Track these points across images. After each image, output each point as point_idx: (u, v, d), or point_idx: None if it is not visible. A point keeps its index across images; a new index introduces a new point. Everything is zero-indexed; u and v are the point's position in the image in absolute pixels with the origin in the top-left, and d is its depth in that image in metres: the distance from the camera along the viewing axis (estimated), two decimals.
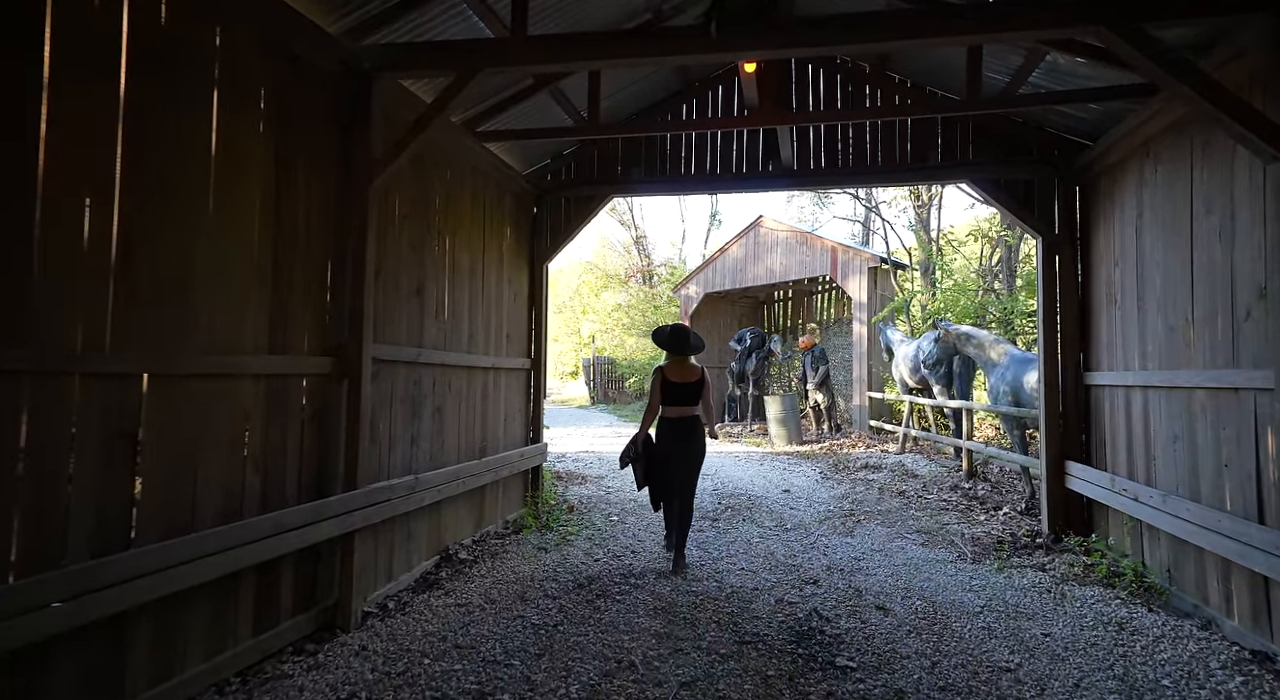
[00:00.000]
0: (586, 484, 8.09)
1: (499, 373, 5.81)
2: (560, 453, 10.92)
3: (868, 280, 12.11)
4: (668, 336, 4.88)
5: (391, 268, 4.19)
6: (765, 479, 8.43)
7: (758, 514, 6.46)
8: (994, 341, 6.92)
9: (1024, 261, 10.46)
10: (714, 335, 16.40)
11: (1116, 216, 4.77)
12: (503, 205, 5.93)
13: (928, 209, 11.80)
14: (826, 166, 5.98)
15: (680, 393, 4.70)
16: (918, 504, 6.76)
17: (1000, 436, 10.12)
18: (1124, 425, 4.63)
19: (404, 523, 4.26)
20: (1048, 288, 5.46)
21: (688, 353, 4.83)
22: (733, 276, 15.10)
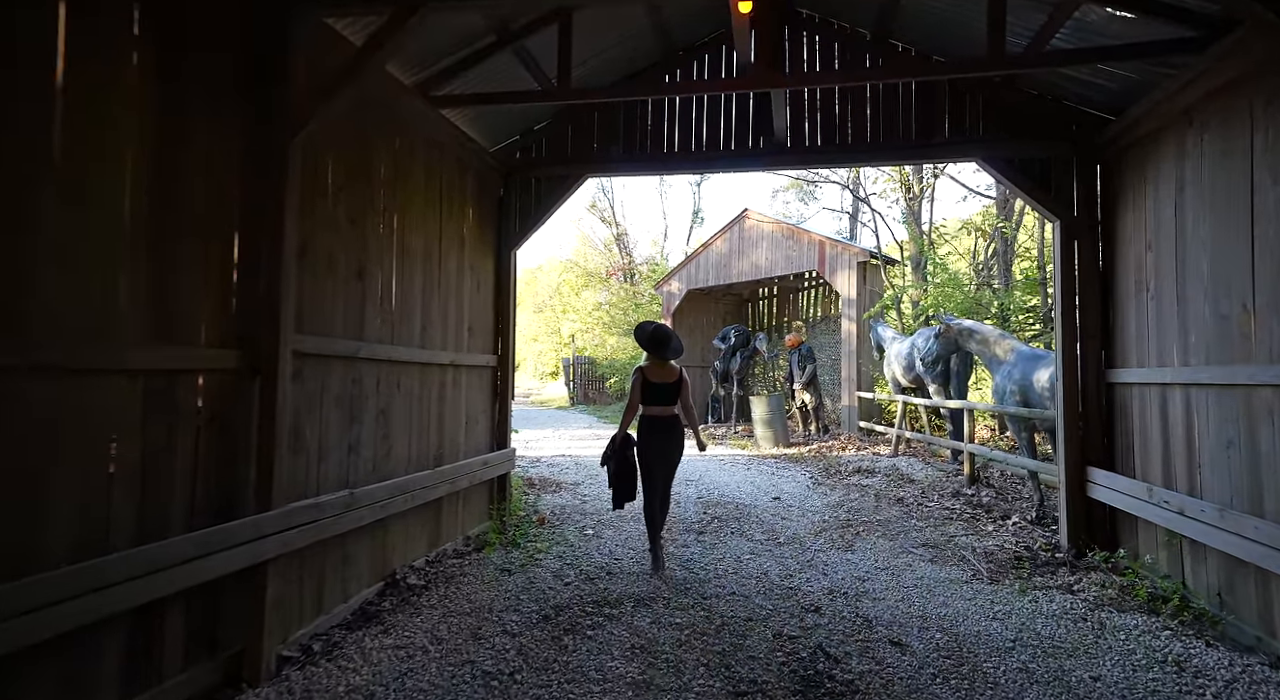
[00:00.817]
0: (561, 492, 7.46)
1: (459, 370, 5.17)
2: (535, 457, 10.28)
3: (857, 276, 11.64)
4: (649, 337, 4.84)
5: (323, 245, 3.54)
6: (753, 485, 7.88)
7: (747, 525, 5.90)
8: (1000, 337, 6.44)
9: (1021, 255, 10.07)
10: (697, 333, 15.86)
11: (1149, 195, 4.28)
12: (464, 183, 5.29)
13: (919, 201, 11.36)
14: (823, 143, 5.43)
15: (660, 393, 4.72)
16: (919, 513, 6.25)
17: (997, 438, 9.70)
18: (1158, 428, 4.13)
19: (338, 546, 3.61)
20: (1066, 276, 4.97)
21: (668, 356, 4.80)
22: (717, 272, 14.56)
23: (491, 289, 5.82)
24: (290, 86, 3.12)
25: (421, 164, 4.63)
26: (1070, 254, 4.96)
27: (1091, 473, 4.73)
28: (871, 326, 10.82)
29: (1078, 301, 4.92)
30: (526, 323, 39.13)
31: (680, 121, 5.67)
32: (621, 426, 4.81)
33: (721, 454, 10.69)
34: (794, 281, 15.78)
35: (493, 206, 5.81)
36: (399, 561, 4.28)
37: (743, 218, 14.05)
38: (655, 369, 4.77)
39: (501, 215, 5.89)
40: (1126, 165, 4.57)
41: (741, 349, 14.08)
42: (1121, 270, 4.63)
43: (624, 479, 4.74)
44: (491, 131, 5.72)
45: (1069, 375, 4.91)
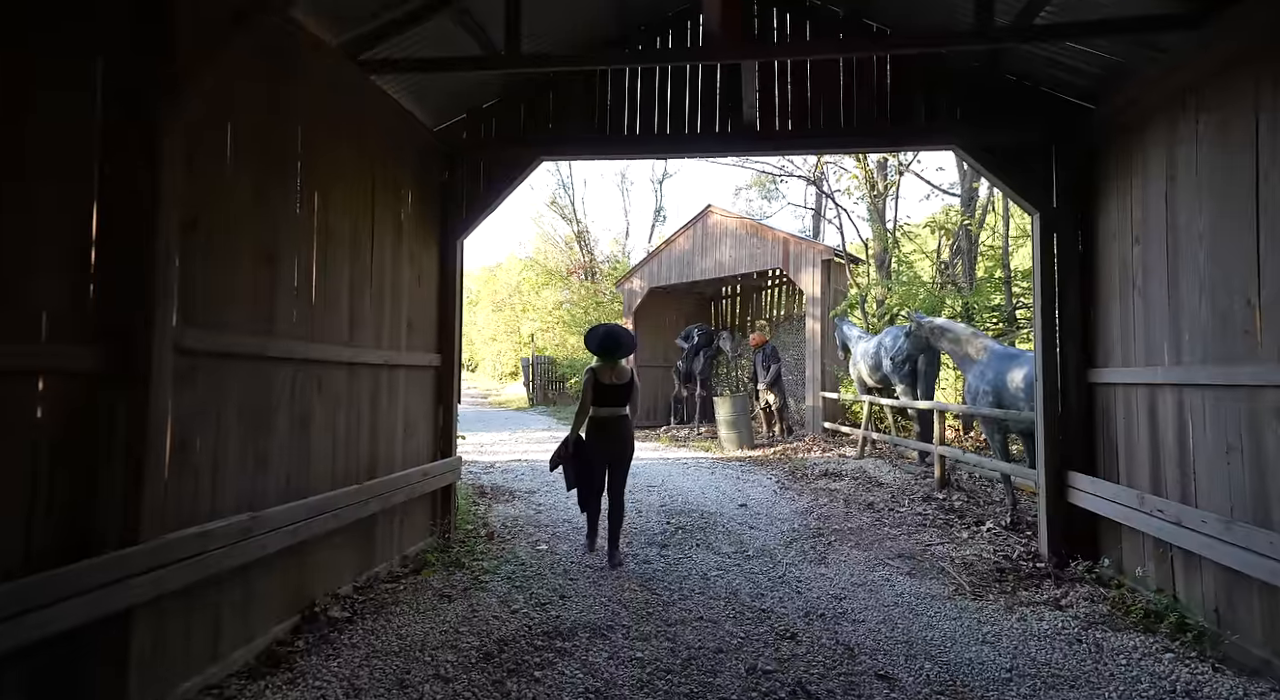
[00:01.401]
0: (514, 501, 6.96)
1: (396, 371, 4.63)
2: (488, 463, 9.72)
3: (821, 273, 11.43)
4: (600, 341, 4.94)
5: (219, 222, 2.99)
6: (718, 490, 7.52)
7: (713, 536, 5.51)
8: (972, 335, 6.22)
9: (984, 254, 10.01)
10: (660, 332, 15.49)
11: (1135, 185, 4.06)
12: (403, 164, 4.76)
13: (883, 199, 11.23)
14: (794, 128, 5.08)
15: (612, 394, 4.82)
16: (891, 519, 5.98)
17: (961, 438, 9.59)
18: (1146, 432, 3.90)
19: (238, 578, 3.06)
20: (1045, 272, 4.74)
21: (620, 357, 4.91)
22: (679, 270, 14.20)
23: (435, 282, 5.29)
24: (168, 25, 2.57)
25: (350, 138, 4.08)
26: (1049, 248, 4.73)
27: (1073, 478, 4.50)
28: (837, 325, 10.61)
29: (1057, 298, 4.70)
30: (485, 322, 38.29)
31: (643, 102, 5.25)
32: (573, 428, 4.91)
33: (685, 457, 10.32)
34: (758, 280, 15.54)
35: (436, 191, 5.28)
36: (321, 590, 3.73)
37: (706, 214, 13.74)
38: (606, 370, 4.87)
39: (447, 201, 5.36)
40: (1110, 154, 4.35)
41: (705, 348, 13.77)
42: (1104, 265, 4.41)
43: (584, 481, 4.85)
44: (435, 108, 5.20)
45: (1048, 375, 4.68)
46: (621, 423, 4.87)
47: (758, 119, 5.09)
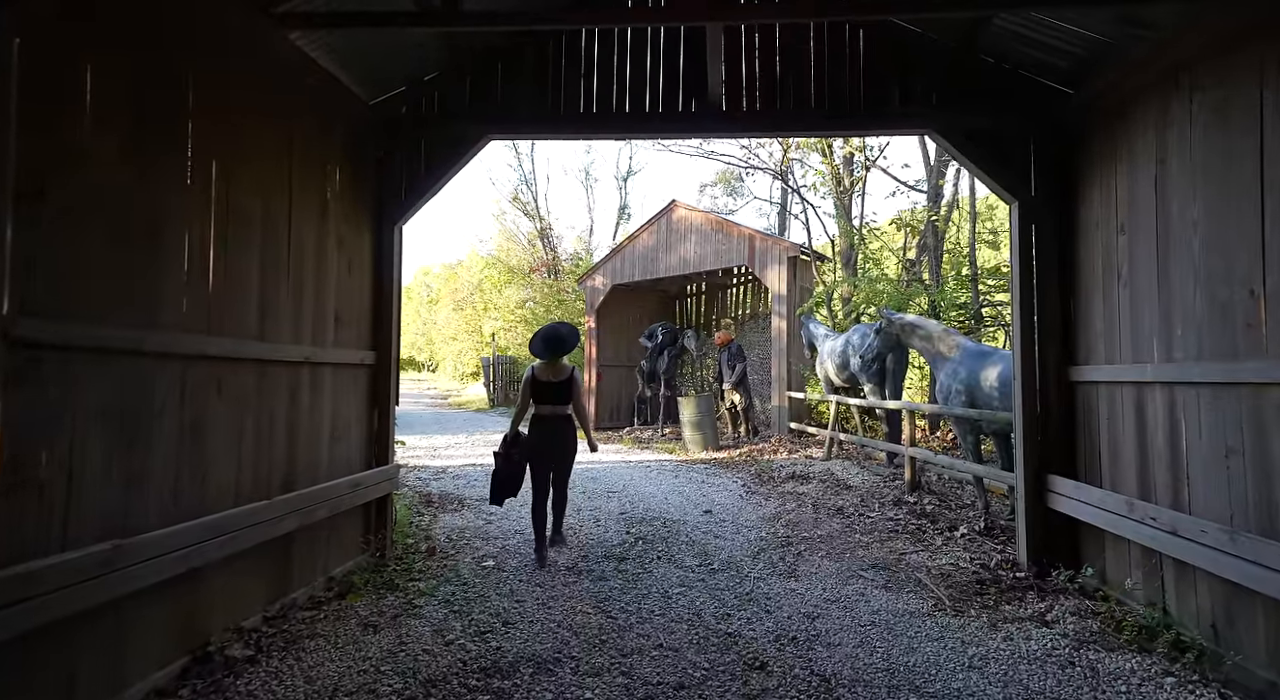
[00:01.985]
0: (463, 510, 6.46)
1: (320, 370, 4.12)
2: (440, 468, 9.18)
3: (787, 271, 11.19)
4: (542, 340, 4.99)
5: (77, 190, 2.46)
6: (682, 495, 7.16)
7: (676, 547, 5.13)
8: (944, 333, 5.99)
9: (951, 250, 9.91)
10: (623, 331, 15.09)
11: (1122, 171, 3.82)
12: (330, 137, 4.25)
13: (849, 195, 11.05)
14: (763, 108, 4.74)
15: (549, 391, 4.85)
16: (861, 525, 5.69)
17: (929, 438, 9.44)
18: (1133, 433, 3.67)
19: (104, 618, 2.54)
20: (1024, 264, 4.50)
21: (562, 354, 4.95)
22: (643, 266, 13.82)
23: (369, 270, 4.78)
24: None
25: (261, 101, 3.57)
26: (1028, 239, 4.49)
27: (1053, 481, 4.27)
28: (803, 323, 10.39)
29: (1036, 292, 4.46)
30: (446, 321, 37.32)
31: (600, 77, 4.83)
32: (511, 426, 5.00)
33: (648, 460, 9.95)
34: (723, 277, 15.28)
35: (372, 171, 4.77)
36: (221, 623, 3.20)
37: (670, 210, 13.39)
38: (545, 368, 4.89)
39: (384, 182, 4.86)
40: (1093, 140, 4.12)
41: (669, 347, 13.43)
42: (1086, 257, 4.18)
43: (504, 478, 4.86)
44: (371, 80, 4.69)
45: (1027, 373, 4.44)
46: (561, 421, 4.88)
47: (723, 97, 4.73)
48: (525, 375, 4.95)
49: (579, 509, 6.52)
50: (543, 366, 4.91)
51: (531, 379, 4.89)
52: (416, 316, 48.41)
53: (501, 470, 4.84)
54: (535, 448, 4.85)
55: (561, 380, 4.84)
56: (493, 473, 4.88)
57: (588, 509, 6.51)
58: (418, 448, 11.40)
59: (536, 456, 4.86)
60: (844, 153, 11.06)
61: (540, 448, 4.85)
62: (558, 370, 4.87)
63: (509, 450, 4.85)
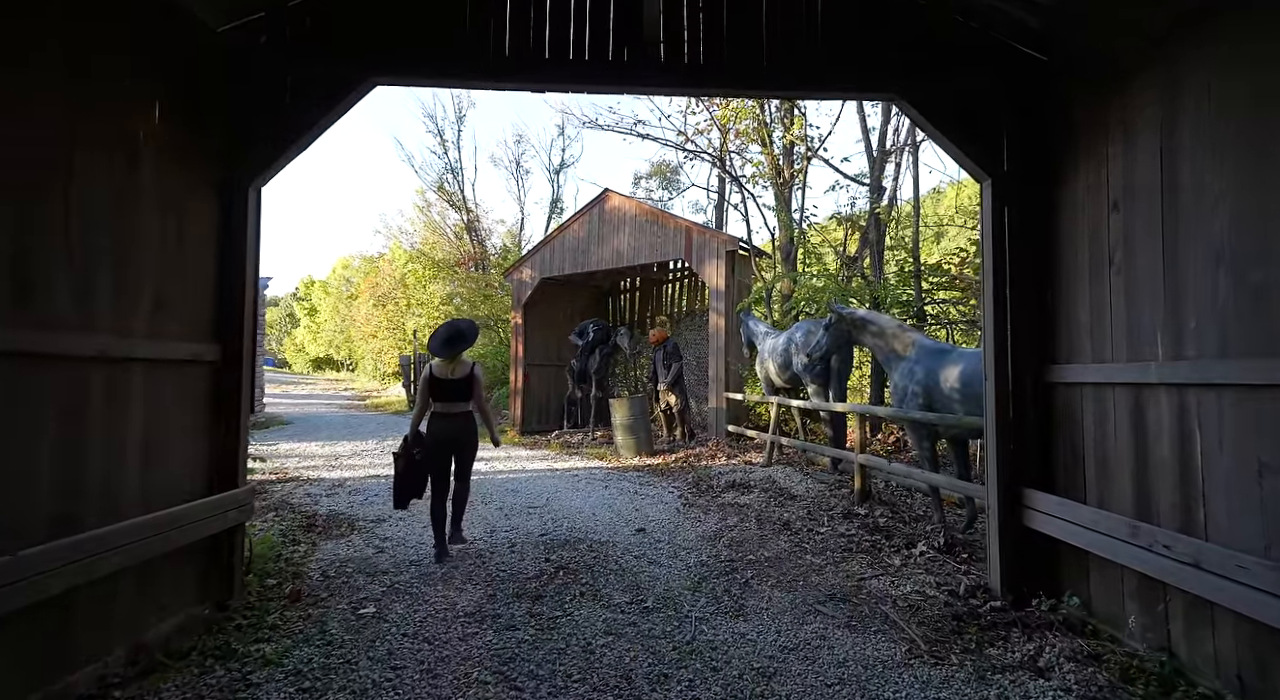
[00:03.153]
0: (352, 535, 5.45)
1: (128, 369, 3.08)
2: (337, 480, 8.03)
3: (725, 265, 10.63)
4: (438, 340, 4.94)
5: None
6: (612, 510, 6.38)
7: (604, 578, 4.35)
8: (899, 329, 5.49)
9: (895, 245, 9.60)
10: (552, 328, 14.19)
11: (1115, 141, 3.33)
12: (150, 66, 3.22)
13: (789, 188, 10.61)
14: (707, 62, 4.02)
15: (449, 389, 4.81)
16: (812, 543, 5.09)
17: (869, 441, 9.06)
18: (1128, 443, 3.18)
19: None
20: (996, 251, 3.99)
21: (461, 349, 4.90)
22: (574, 259, 12.97)
23: (212, 242, 3.75)
24: None
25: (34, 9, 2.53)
26: (1000, 222, 3.98)
27: (1031, 497, 3.76)
28: (742, 321, 9.84)
29: (1009, 282, 3.95)
30: (366, 317, 35.10)
31: (514, 13, 3.98)
32: (411, 426, 4.86)
33: (577, 468, 9.12)
34: (658, 273, 14.64)
35: (218, 115, 3.74)
36: None
37: (604, 199, 12.60)
38: (443, 365, 4.84)
39: (236, 130, 3.83)
40: (1076, 107, 3.63)
41: (601, 345, 12.67)
42: (1069, 241, 3.69)
43: (407, 479, 4.75)
44: None
45: (1000, 374, 3.93)
46: (460, 419, 4.87)
47: (662, 48, 3.99)
48: (424, 374, 4.87)
49: (492, 530, 5.63)
50: (441, 364, 4.85)
51: (430, 377, 4.83)
52: (335, 313, 45.52)
53: (403, 472, 4.74)
54: (435, 446, 4.79)
55: (461, 378, 4.83)
56: (394, 475, 4.77)
57: (503, 530, 5.63)
58: (316, 457, 10.13)
59: (437, 454, 4.81)
60: (784, 142, 10.60)
61: (441, 445, 4.81)
62: (456, 368, 4.83)
63: (409, 450, 4.74)
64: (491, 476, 8.37)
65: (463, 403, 4.85)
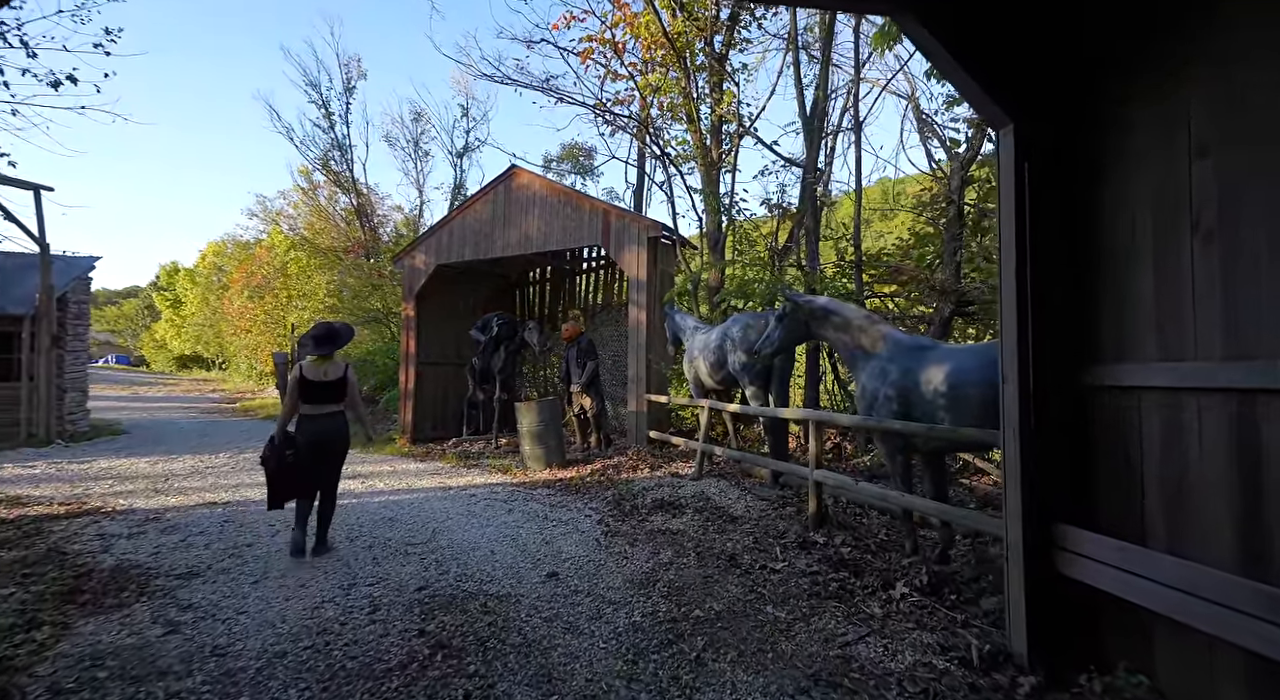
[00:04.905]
0: (139, 603, 3.84)
1: None
2: (153, 512, 6.22)
3: (648, 253, 9.54)
4: (312, 339, 4.85)
5: None
6: (516, 544, 5.10)
7: (501, 664, 3.09)
8: (866, 321, 4.58)
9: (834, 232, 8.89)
10: (450, 322, 12.59)
11: (1204, 59, 2.49)
12: None
13: (718, 170, 9.68)
14: None
15: (320, 390, 4.74)
16: (770, 588, 4.07)
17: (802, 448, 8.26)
18: (1227, 468, 2.34)
19: None
20: (1018, 218, 3.09)
21: (333, 350, 4.83)
22: (475, 243, 11.44)
23: None
24: None
25: None
26: (1022, 180, 3.09)
27: (1067, 536, 2.89)
28: (667, 314, 8.80)
29: (1035, 260, 3.07)
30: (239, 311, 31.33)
31: None
32: (279, 425, 4.72)
33: (475, 485, 7.70)
34: (572, 262, 13.39)
35: None
36: None
37: (511, 176, 11.17)
38: (313, 366, 4.77)
39: None
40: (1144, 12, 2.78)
41: (507, 341, 11.23)
42: (1121, 202, 2.84)
43: (280, 480, 4.66)
44: None
45: (1023, 376, 3.04)
46: (331, 420, 4.80)
47: None
48: (293, 374, 4.75)
49: (352, 583, 4.21)
50: (312, 364, 4.77)
51: (300, 377, 4.71)
52: (203, 305, 40.55)
53: (274, 473, 4.62)
54: (305, 448, 4.69)
55: (334, 379, 4.78)
56: (267, 476, 4.64)
57: (366, 583, 4.22)
58: (140, 478, 8.08)
59: (307, 456, 4.70)
60: (712, 119, 9.64)
61: (310, 447, 4.71)
62: (327, 368, 4.78)
63: (280, 451, 4.62)
64: (366, 500, 6.81)
65: (333, 404, 4.78)
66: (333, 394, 4.77)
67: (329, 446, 4.76)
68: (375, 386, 16.80)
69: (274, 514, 6.02)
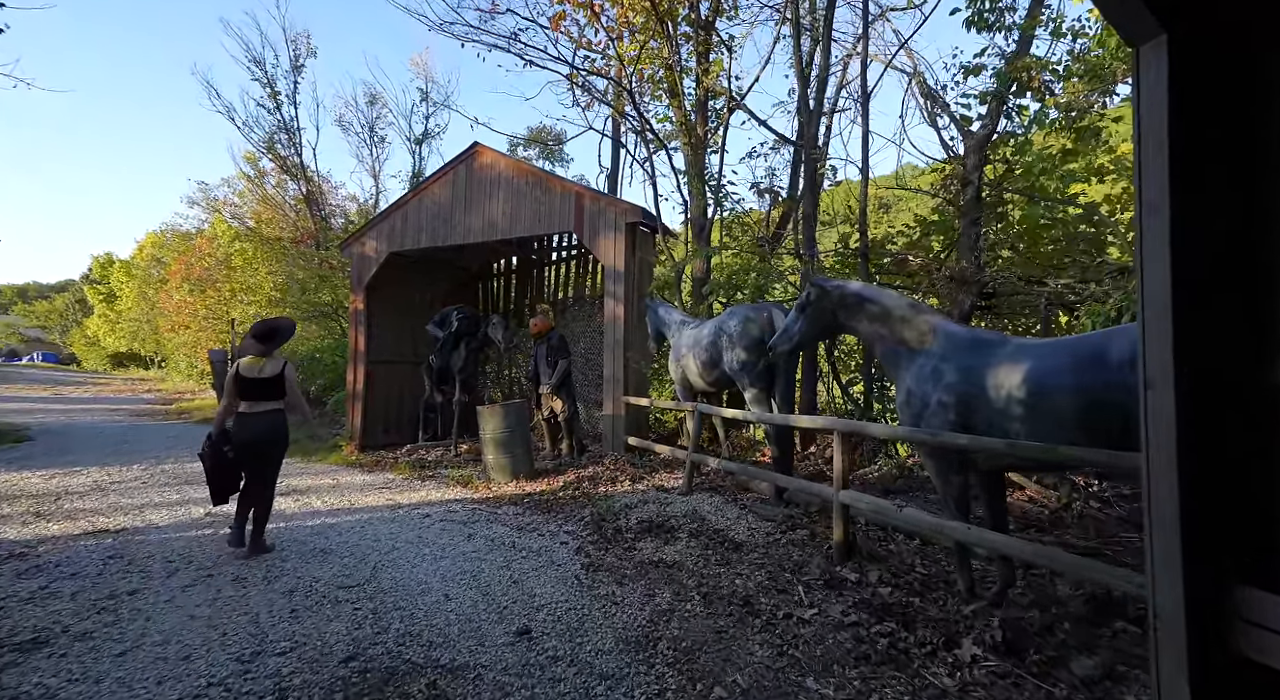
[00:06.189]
0: None
1: None
2: (24, 544, 5.02)
3: (626, 240, 8.61)
4: (253, 336, 4.86)
5: None
6: (477, 585, 4.12)
7: None
8: (910, 310, 3.75)
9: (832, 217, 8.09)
10: (405, 316, 11.45)
11: None
12: None
13: (703, 150, 8.80)
14: None
15: (255, 388, 4.74)
16: (803, 647, 3.19)
17: (848, 464, 7.45)
18: None
19: None
20: (1173, 163, 2.27)
21: (273, 347, 4.85)
22: (433, 229, 10.32)
23: None
24: None
25: None
26: (1178, 109, 2.27)
27: (1253, 603, 2.07)
28: (649, 307, 7.89)
29: (1185, 209, 2.25)
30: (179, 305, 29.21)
31: None
32: (217, 423, 4.72)
33: (429, 502, 6.66)
34: (540, 253, 12.38)
35: None
36: None
37: (473, 155, 10.09)
38: (250, 363, 4.79)
39: None
40: None
41: (468, 337, 10.17)
42: None
43: (220, 475, 4.63)
44: None
45: (1180, 377, 2.21)
46: (268, 418, 4.76)
47: None
48: (230, 371, 4.76)
49: (258, 648, 3.17)
50: (249, 362, 4.78)
51: (236, 375, 4.73)
52: (140, 299, 37.87)
53: (212, 470, 4.59)
54: (242, 446, 4.66)
55: (270, 376, 4.76)
56: (207, 471, 4.60)
57: (279, 647, 3.19)
58: (21, 499, 6.78)
59: (243, 454, 4.67)
60: (698, 93, 8.77)
61: (247, 445, 4.67)
62: (262, 365, 4.77)
63: (219, 448, 4.59)
64: (297, 525, 5.71)
65: (271, 402, 4.77)
66: (269, 391, 4.73)
67: (264, 445, 4.71)
68: (323, 387, 15.45)
69: (174, 546, 4.93)
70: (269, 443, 4.73)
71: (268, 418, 4.73)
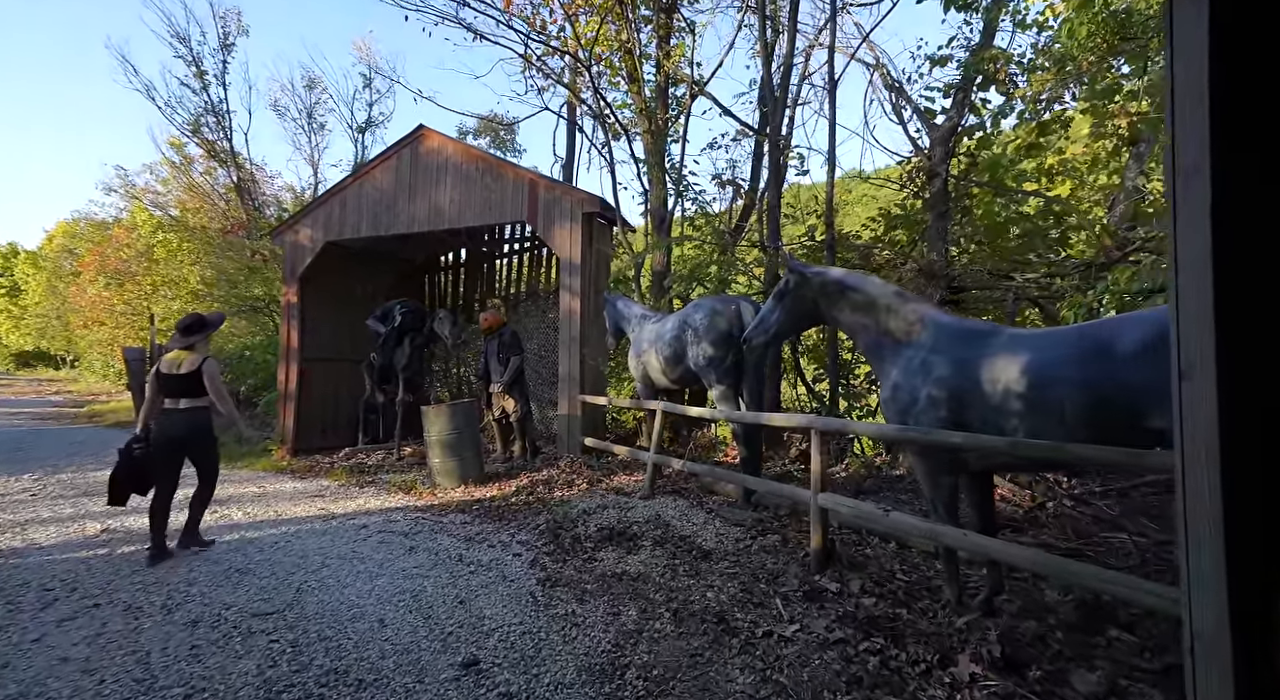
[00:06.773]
0: None
1: None
2: None
3: (582, 230, 8.18)
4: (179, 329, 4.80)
5: None
6: (418, 607, 3.63)
7: None
8: (896, 299, 3.48)
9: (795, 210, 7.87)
10: (343, 310, 10.68)
11: None
12: None
13: (664, 138, 8.46)
14: None
15: (174, 384, 4.64)
16: (788, 671, 2.86)
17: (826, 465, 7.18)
18: None
19: None
20: (1214, 119, 2.02)
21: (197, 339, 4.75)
22: (375, 217, 9.63)
23: None
24: None
25: None
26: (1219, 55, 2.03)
27: None
28: (608, 301, 7.50)
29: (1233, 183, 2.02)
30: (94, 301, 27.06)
31: None
32: (141, 421, 4.66)
33: (368, 509, 6.07)
34: (490, 245, 11.79)
35: None
36: None
37: (419, 138, 9.45)
38: (171, 360, 4.68)
39: None
40: None
41: (412, 333, 9.52)
42: None
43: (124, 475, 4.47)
44: None
45: (1222, 365, 1.97)
46: (187, 415, 4.64)
47: None
48: (152, 370, 4.67)
49: (143, 694, 2.62)
50: (170, 357, 4.68)
51: (156, 372, 4.64)
52: (50, 293, 34.98)
53: (117, 467, 4.46)
54: (160, 444, 4.57)
55: (189, 372, 4.61)
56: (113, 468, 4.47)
57: (169, 694, 2.64)
58: None
59: (162, 452, 4.57)
60: (658, 78, 8.42)
61: (167, 443, 4.58)
62: (181, 361, 4.64)
63: (130, 446, 4.50)
64: (216, 540, 5.05)
65: (191, 398, 4.63)
66: (187, 387, 4.60)
67: (185, 442, 4.64)
68: (254, 387, 14.39)
69: (55, 570, 4.25)
70: (186, 440, 4.63)
71: (187, 415, 4.63)
